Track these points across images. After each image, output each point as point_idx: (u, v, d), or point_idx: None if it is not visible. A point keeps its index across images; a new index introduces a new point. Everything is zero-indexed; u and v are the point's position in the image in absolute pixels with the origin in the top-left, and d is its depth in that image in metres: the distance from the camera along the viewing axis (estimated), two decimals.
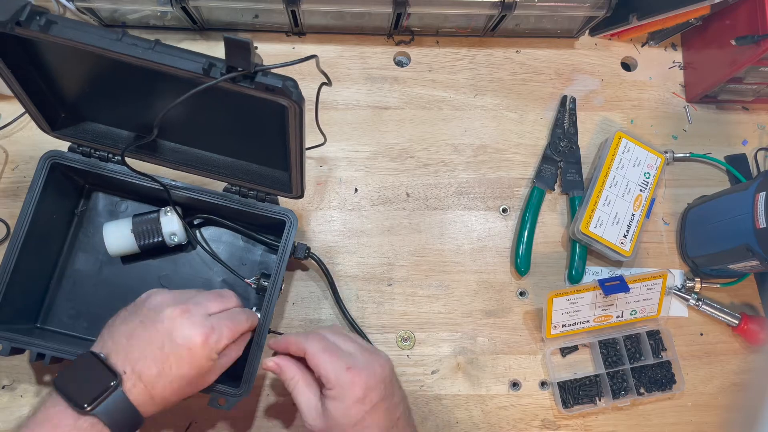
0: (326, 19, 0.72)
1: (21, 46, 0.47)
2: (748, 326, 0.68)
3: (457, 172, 0.72)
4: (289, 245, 0.59)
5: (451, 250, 0.70)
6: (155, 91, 0.50)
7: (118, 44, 0.42)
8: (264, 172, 0.58)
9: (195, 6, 0.67)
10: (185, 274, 0.65)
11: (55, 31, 0.42)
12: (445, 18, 0.73)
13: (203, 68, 0.42)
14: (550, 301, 0.65)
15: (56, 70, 0.51)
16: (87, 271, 0.64)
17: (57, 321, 0.63)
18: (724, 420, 0.68)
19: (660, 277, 0.68)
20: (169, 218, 0.61)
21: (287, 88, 0.42)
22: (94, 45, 0.42)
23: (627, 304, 0.68)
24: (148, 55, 0.42)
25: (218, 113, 0.52)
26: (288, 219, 0.59)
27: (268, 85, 0.41)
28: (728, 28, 0.69)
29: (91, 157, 0.59)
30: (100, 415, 0.44)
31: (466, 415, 0.65)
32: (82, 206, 0.65)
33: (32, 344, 0.56)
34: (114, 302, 0.60)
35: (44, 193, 0.58)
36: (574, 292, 0.66)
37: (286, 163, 0.53)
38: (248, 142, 0.56)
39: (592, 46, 0.78)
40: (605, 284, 0.65)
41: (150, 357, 0.46)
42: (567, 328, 0.67)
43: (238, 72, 0.41)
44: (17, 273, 0.57)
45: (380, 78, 0.74)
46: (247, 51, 0.39)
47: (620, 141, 0.71)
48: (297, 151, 0.50)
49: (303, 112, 0.45)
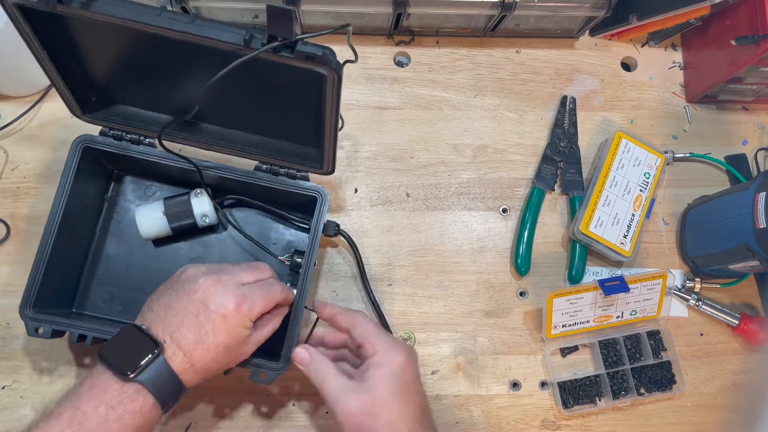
0: (326, 19, 0.72)
1: (56, 26, 0.47)
2: (748, 326, 0.68)
3: (457, 172, 0.72)
4: (322, 220, 0.59)
5: (451, 250, 0.70)
6: (189, 69, 0.50)
7: (159, 18, 0.42)
8: (295, 149, 0.58)
9: (195, 6, 0.67)
10: (216, 255, 0.65)
11: (96, 8, 0.42)
12: (445, 18, 0.73)
13: (244, 39, 0.42)
14: (550, 301, 0.65)
15: (90, 51, 0.51)
16: (119, 255, 0.65)
17: (91, 305, 0.63)
18: (724, 420, 0.68)
19: (660, 277, 0.68)
20: (200, 199, 0.62)
21: (326, 56, 0.42)
22: (134, 20, 0.42)
23: (627, 304, 0.68)
24: (188, 28, 0.42)
25: (251, 90, 0.52)
26: (319, 195, 0.60)
27: (308, 53, 0.41)
28: (728, 28, 0.69)
29: (122, 140, 0.59)
30: (144, 381, 0.46)
31: (467, 416, 0.65)
32: (112, 191, 0.66)
33: (74, 326, 0.56)
34: (147, 285, 0.62)
35: (77, 178, 0.58)
36: (574, 292, 0.66)
37: (318, 137, 0.53)
38: (279, 119, 0.56)
39: (592, 46, 0.78)
40: (605, 284, 0.65)
41: (187, 325, 0.48)
42: (567, 329, 0.67)
43: (279, 42, 0.41)
44: (53, 258, 0.57)
45: (380, 78, 0.74)
46: (290, 20, 0.39)
47: (620, 141, 0.71)
48: (332, 124, 0.50)
49: (341, 81, 0.45)
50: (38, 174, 0.68)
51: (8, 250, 0.66)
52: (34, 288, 0.56)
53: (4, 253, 0.66)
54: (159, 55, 0.49)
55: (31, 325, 0.56)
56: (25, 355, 0.63)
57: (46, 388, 0.62)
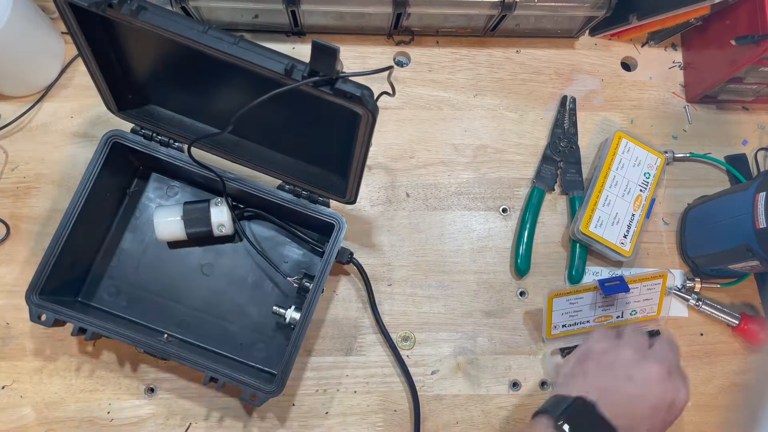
0: (326, 19, 0.72)
1: (103, 25, 0.47)
2: (748, 326, 0.68)
3: (457, 172, 0.72)
4: (336, 249, 0.59)
5: (451, 250, 0.70)
6: (228, 84, 0.50)
7: (204, 36, 0.43)
8: (320, 174, 0.59)
9: (195, 6, 0.67)
10: (227, 264, 0.66)
11: (145, 17, 0.43)
12: (445, 18, 0.72)
13: (285, 69, 0.42)
14: (550, 301, 0.65)
15: (133, 52, 0.52)
16: (132, 251, 0.65)
17: (98, 297, 0.64)
18: (724, 420, 0.68)
19: (660, 277, 0.68)
20: (219, 209, 0.62)
21: (365, 97, 0.43)
22: (180, 35, 0.43)
23: (627, 304, 0.68)
24: (232, 50, 0.42)
25: (284, 111, 0.52)
26: (337, 223, 0.59)
27: (347, 92, 0.42)
28: (728, 28, 0.69)
29: (152, 140, 0.60)
30: None
31: (466, 416, 0.65)
32: (135, 186, 0.66)
33: (76, 318, 0.56)
34: (154, 285, 0.63)
35: (102, 170, 0.59)
36: (573, 292, 0.66)
37: (345, 167, 0.53)
38: (309, 143, 0.56)
39: (592, 46, 0.78)
40: (605, 284, 0.65)
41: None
42: (567, 329, 0.67)
43: (320, 77, 0.41)
44: (68, 246, 0.58)
45: (380, 78, 0.74)
46: (334, 58, 0.40)
47: (620, 141, 0.71)
48: (360, 158, 0.51)
49: (375, 122, 0.45)
50: (38, 174, 0.68)
51: (8, 250, 0.66)
52: (43, 275, 0.57)
53: (3, 253, 0.66)
54: (199, 66, 0.49)
55: (35, 312, 0.56)
56: (25, 355, 0.63)
57: (46, 388, 0.62)
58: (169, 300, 0.64)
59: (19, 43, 0.64)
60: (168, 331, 0.62)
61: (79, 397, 0.62)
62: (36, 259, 0.64)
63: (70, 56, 0.71)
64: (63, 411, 0.62)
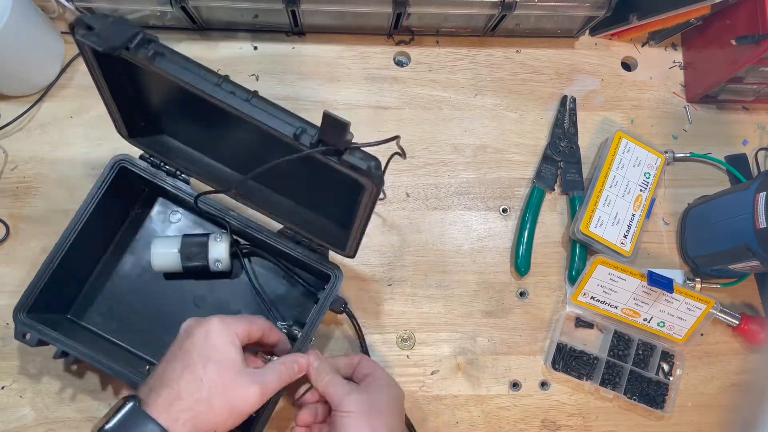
0: (326, 18, 0.72)
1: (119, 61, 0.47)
2: (748, 326, 0.68)
3: (457, 172, 0.72)
4: (329, 301, 0.58)
5: (451, 250, 0.70)
6: (241, 130, 0.50)
7: (217, 90, 0.43)
8: (323, 225, 0.58)
9: (195, 6, 0.67)
10: (220, 298, 0.65)
11: (161, 64, 0.43)
12: (445, 18, 0.72)
13: (294, 134, 0.42)
14: (595, 264, 0.64)
15: (147, 87, 0.52)
16: (127, 275, 0.64)
17: (87, 317, 0.63)
18: (724, 420, 0.68)
19: (705, 302, 0.66)
20: (218, 244, 0.61)
21: (370, 170, 0.42)
22: (193, 85, 0.43)
23: (661, 312, 0.67)
24: (242, 107, 0.43)
25: (295, 164, 0.52)
26: (333, 275, 0.59)
27: (354, 164, 0.42)
28: (728, 28, 0.69)
29: (160, 169, 0.59)
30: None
31: (466, 416, 0.65)
32: (138, 209, 0.66)
33: (60, 341, 0.56)
34: (144, 311, 0.63)
35: (107, 192, 0.59)
36: (621, 269, 0.65)
37: (348, 221, 0.53)
38: (315, 194, 0.56)
39: (592, 46, 0.78)
40: (653, 276, 0.64)
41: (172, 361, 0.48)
42: (594, 303, 0.66)
43: (328, 147, 0.41)
44: (64, 263, 0.57)
45: (380, 78, 0.74)
46: (344, 131, 0.40)
47: (620, 141, 0.71)
48: (363, 221, 0.51)
49: (379, 193, 0.45)
50: (38, 174, 0.68)
51: (8, 250, 0.66)
52: (32, 295, 0.56)
53: (3, 253, 0.66)
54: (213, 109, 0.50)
55: (20, 330, 0.55)
56: (24, 355, 0.63)
57: (45, 388, 0.62)
58: (158, 328, 0.63)
59: (19, 43, 0.64)
60: (154, 360, 0.61)
61: (79, 398, 0.62)
62: (35, 259, 0.64)
63: (70, 56, 0.71)
64: (63, 411, 0.62)
